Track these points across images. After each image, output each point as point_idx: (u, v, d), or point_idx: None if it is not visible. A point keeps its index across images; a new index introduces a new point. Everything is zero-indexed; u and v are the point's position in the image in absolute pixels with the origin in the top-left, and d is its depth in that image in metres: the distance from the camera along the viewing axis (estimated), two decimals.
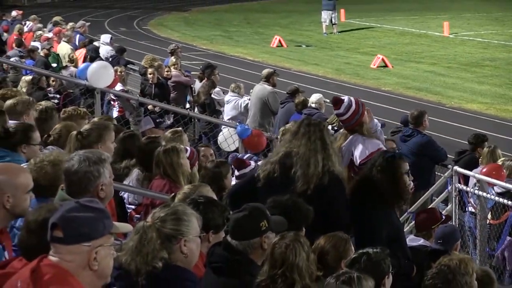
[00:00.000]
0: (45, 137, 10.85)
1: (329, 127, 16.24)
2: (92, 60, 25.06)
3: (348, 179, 10.88)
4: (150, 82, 23.87)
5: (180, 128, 15.82)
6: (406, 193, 10.53)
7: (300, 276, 6.85)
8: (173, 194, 9.26)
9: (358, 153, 11.67)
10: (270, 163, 10.19)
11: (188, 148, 12.60)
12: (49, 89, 22.01)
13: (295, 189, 9.66)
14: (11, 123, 10.24)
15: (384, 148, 12.22)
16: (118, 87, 22.01)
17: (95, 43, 30.13)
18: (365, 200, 9.85)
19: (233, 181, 12.32)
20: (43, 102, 13.39)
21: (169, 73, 25.07)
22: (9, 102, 11.56)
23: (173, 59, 27.29)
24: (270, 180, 9.98)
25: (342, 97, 12.59)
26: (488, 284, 8.55)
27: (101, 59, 25.79)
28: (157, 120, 16.54)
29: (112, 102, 22.24)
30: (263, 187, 9.96)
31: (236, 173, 11.99)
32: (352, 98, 12.58)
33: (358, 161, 11.60)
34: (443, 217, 11.70)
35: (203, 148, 14.71)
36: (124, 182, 11.52)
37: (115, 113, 21.77)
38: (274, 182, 9.92)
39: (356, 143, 11.88)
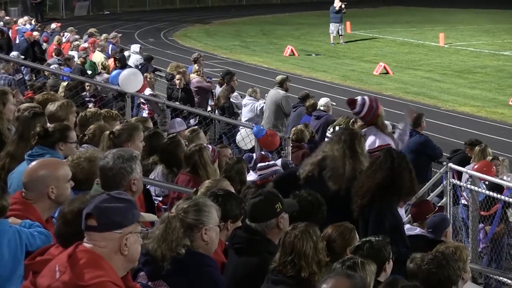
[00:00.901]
0: (80, 137, 10.89)
1: (337, 128, 16.22)
2: (122, 67, 25.03)
3: None
4: (177, 87, 23.91)
5: (196, 127, 15.90)
6: (417, 187, 10.77)
7: (306, 263, 6.86)
8: (195, 189, 9.28)
9: (369, 142, 11.98)
10: (310, 164, 10.36)
11: (210, 146, 12.64)
12: (84, 93, 22.03)
13: (328, 189, 9.80)
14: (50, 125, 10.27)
15: (393, 145, 12.29)
16: (147, 91, 22.07)
17: (126, 52, 30.13)
18: (378, 193, 9.83)
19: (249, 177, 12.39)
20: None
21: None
22: (51, 107, 11.55)
23: (196, 66, 27.26)
24: (309, 179, 10.13)
25: (355, 98, 12.68)
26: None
27: (131, 67, 25.80)
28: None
29: (142, 105, 22.24)
30: (304, 185, 10.03)
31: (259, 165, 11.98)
32: (365, 96, 12.82)
33: (367, 149, 11.67)
34: (436, 207, 11.70)
35: (222, 149, 14.77)
36: (150, 176, 11.55)
37: (144, 115, 21.75)
38: (312, 181, 10.05)
39: (369, 133, 12.08)
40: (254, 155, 14.59)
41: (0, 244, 6.59)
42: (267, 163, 11.80)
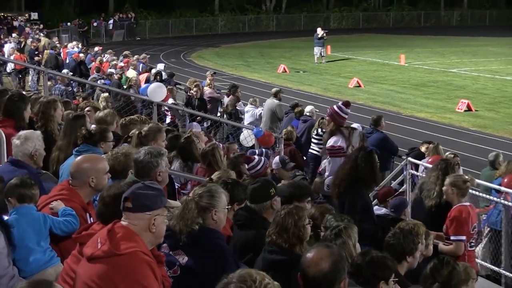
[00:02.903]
0: (125, 138, 10.88)
1: (318, 129, 16.24)
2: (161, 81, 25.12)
3: None
4: (194, 97, 23.92)
5: (193, 127, 15.97)
6: (379, 178, 11.03)
7: (287, 236, 6.84)
8: (208, 178, 9.29)
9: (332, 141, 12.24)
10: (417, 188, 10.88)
11: (221, 144, 12.65)
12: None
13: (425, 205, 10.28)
14: (92, 126, 10.27)
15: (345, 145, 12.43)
16: (170, 100, 22.11)
17: (153, 70, 30.08)
18: (348, 182, 9.85)
19: None
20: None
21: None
22: (101, 114, 11.60)
23: (208, 80, 27.32)
24: (416, 199, 10.72)
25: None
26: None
27: (158, 81, 25.80)
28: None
29: (166, 112, 22.20)
30: (414, 205, 10.92)
31: (246, 166, 11.92)
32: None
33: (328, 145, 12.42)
34: (397, 192, 11.69)
35: (230, 145, 14.87)
36: (172, 167, 11.56)
37: (168, 120, 21.74)
38: (418, 200, 10.57)
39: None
40: (256, 150, 14.55)
41: (27, 224, 6.60)
42: (254, 162, 11.75)
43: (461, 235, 10.11)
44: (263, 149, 14.55)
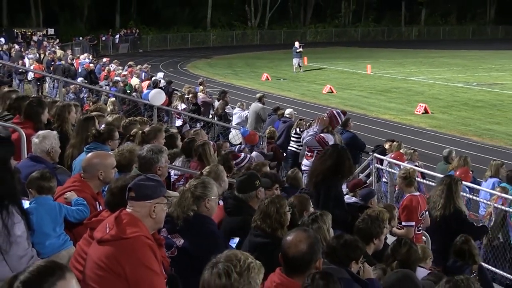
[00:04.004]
0: (127, 136, 10.88)
1: (297, 129, 16.28)
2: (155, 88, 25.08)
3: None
4: (190, 101, 23.89)
5: (199, 128, 15.93)
6: (353, 170, 11.36)
7: (270, 221, 6.84)
8: (200, 171, 9.27)
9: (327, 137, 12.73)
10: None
11: (211, 142, 12.61)
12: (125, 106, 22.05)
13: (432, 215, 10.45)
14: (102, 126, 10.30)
15: (331, 141, 12.56)
16: (182, 106, 22.46)
17: (154, 78, 30.02)
18: (325, 174, 9.89)
19: None
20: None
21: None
22: (109, 118, 11.74)
23: (201, 87, 27.31)
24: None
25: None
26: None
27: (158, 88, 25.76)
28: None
29: (177, 116, 22.17)
30: None
31: (234, 162, 11.94)
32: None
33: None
34: (366, 183, 11.71)
35: (223, 143, 14.88)
36: (174, 163, 11.52)
37: (178, 122, 21.69)
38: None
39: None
40: (243, 147, 14.58)
41: (44, 212, 6.60)
42: (240, 158, 11.77)
43: (411, 221, 10.65)
44: (243, 146, 14.64)
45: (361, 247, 6.54)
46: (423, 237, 11.45)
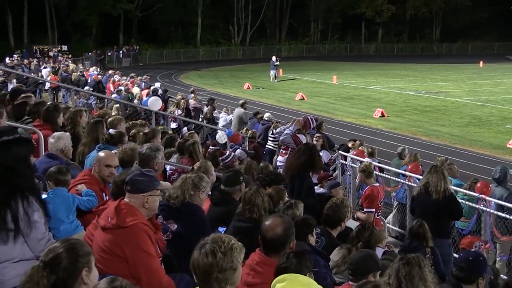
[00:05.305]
0: (128, 136, 10.90)
1: (273, 130, 16.34)
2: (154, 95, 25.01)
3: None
4: (182, 107, 23.86)
5: (193, 131, 15.90)
6: (322, 165, 11.43)
7: (258, 209, 6.85)
8: (192, 166, 9.26)
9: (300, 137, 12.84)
10: (419, 186, 10.61)
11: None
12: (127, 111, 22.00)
13: (432, 198, 10.09)
14: (111, 130, 10.28)
15: (305, 140, 12.62)
16: (179, 111, 22.46)
17: (153, 87, 29.91)
18: (299, 169, 9.96)
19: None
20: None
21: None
22: (111, 119, 11.63)
23: (192, 95, 27.26)
24: (419, 194, 10.42)
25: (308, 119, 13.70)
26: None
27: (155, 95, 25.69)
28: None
29: (172, 119, 22.11)
30: (417, 197, 10.49)
31: (222, 158, 11.94)
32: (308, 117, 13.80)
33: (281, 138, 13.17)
34: (332, 175, 11.75)
35: (212, 143, 14.94)
36: (170, 160, 11.51)
37: (173, 125, 21.63)
38: (421, 195, 10.38)
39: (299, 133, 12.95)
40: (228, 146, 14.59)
41: (59, 202, 6.61)
42: (226, 155, 11.80)
43: (371, 208, 10.91)
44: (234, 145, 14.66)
45: (312, 223, 6.69)
46: (381, 222, 11.60)
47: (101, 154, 7.49)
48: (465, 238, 10.69)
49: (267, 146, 18.91)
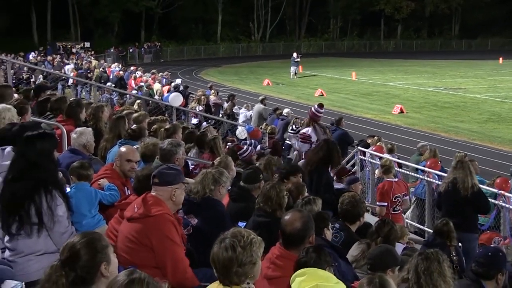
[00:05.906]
0: (150, 132, 10.95)
1: (293, 126, 16.25)
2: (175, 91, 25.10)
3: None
4: (203, 103, 23.90)
5: (208, 126, 15.95)
6: (341, 161, 11.59)
7: (271, 203, 6.83)
8: (212, 161, 9.28)
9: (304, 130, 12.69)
10: (445, 183, 10.45)
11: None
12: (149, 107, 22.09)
13: (460, 195, 10.00)
14: (135, 126, 10.34)
15: (314, 136, 12.56)
16: (200, 107, 22.35)
17: (173, 83, 30.00)
18: (318, 164, 9.95)
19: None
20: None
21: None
22: (136, 114, 11.77)
23: (212, 90, 27.31)
24: (446, 191, 10.28)
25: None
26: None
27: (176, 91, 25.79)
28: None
29: (193, 115, 22.19)
30: (443, 194, 10.36)
31: (239, 152, 11.94)
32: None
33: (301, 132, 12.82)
34: (351, 171, 11.70)
35: (231, 138, 14.95)
36: (189, 154, 11.54)
37: (194, 121, 21.68)
38: (448, 191, 10.23)
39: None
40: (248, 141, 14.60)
41: (82, 196, 6.61)
42: (243, 150, 11.82)
43: (383, 202, 11.10)
44: (252, 141, 14.63)
45: (326, 216, 6.70)
46: (402, 218, 11.55)
47: (123, 149, 7.51)
48: (484, 233, 10.60)
49: (286, 142, 18.88)
